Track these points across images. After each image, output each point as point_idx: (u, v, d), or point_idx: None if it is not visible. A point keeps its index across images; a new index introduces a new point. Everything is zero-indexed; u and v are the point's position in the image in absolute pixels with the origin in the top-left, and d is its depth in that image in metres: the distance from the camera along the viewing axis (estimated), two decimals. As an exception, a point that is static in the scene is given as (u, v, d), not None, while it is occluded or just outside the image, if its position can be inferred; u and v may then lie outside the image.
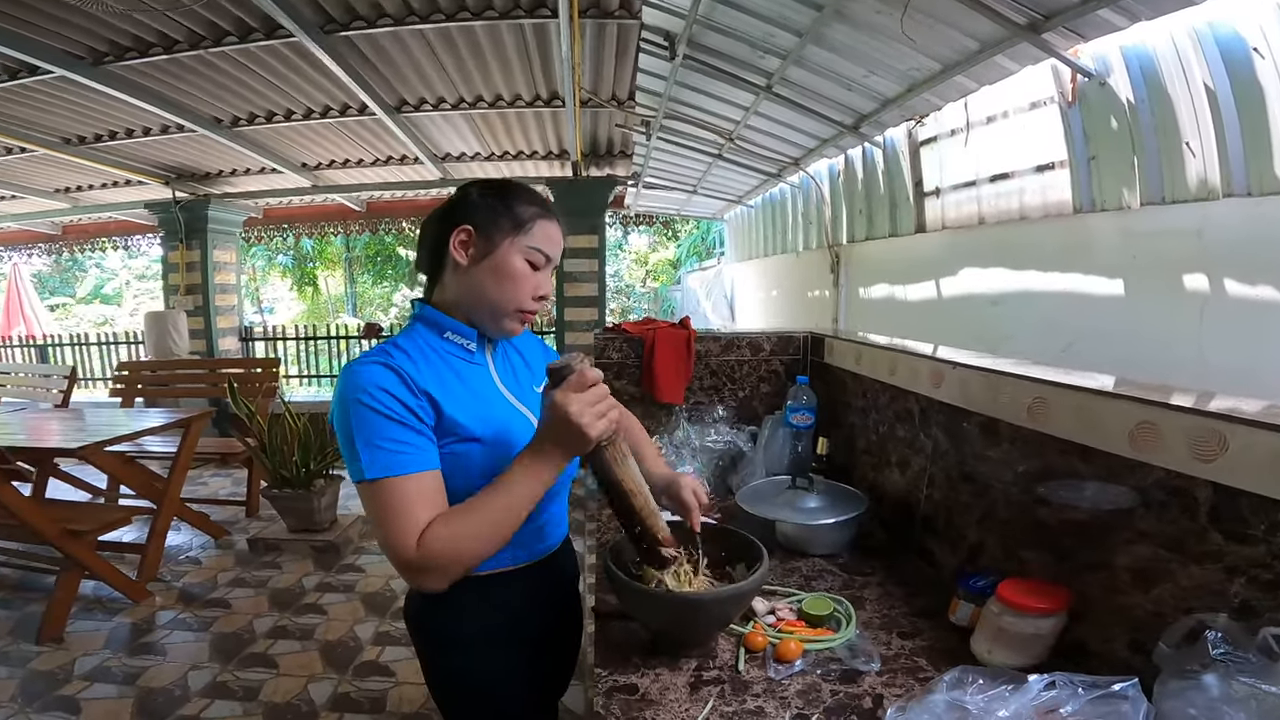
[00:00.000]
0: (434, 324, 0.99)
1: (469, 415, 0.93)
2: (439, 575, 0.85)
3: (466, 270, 0.96)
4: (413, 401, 0.87)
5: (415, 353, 0.94)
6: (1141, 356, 2.17)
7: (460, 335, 0.99)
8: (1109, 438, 0.90)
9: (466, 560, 0.86)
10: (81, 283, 16.16)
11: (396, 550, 0.83)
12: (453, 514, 0.86)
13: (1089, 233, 2.50)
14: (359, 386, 0.86)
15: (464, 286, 0.98)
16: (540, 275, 1.00)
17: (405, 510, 0.83)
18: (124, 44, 3.01)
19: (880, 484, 1.60)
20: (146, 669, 2.46)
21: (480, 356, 1.02)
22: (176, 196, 5.57)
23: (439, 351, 0.97)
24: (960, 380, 1.25)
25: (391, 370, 0.88)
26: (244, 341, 6.53)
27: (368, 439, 0.84)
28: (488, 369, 1.03)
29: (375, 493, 0.84)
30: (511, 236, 0.96)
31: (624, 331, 2.10)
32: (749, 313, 7.63)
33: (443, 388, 0.92)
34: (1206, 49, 2.14)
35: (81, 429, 3.25)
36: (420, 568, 0.83)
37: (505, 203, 0.97)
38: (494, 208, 0.97)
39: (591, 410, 0.83)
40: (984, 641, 0.98)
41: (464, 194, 1.00)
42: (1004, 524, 1.14)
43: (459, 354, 0.99)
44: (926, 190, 3.66)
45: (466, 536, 0.84)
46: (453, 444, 0.92)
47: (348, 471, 0.88)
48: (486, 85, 3.75)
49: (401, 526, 0.83)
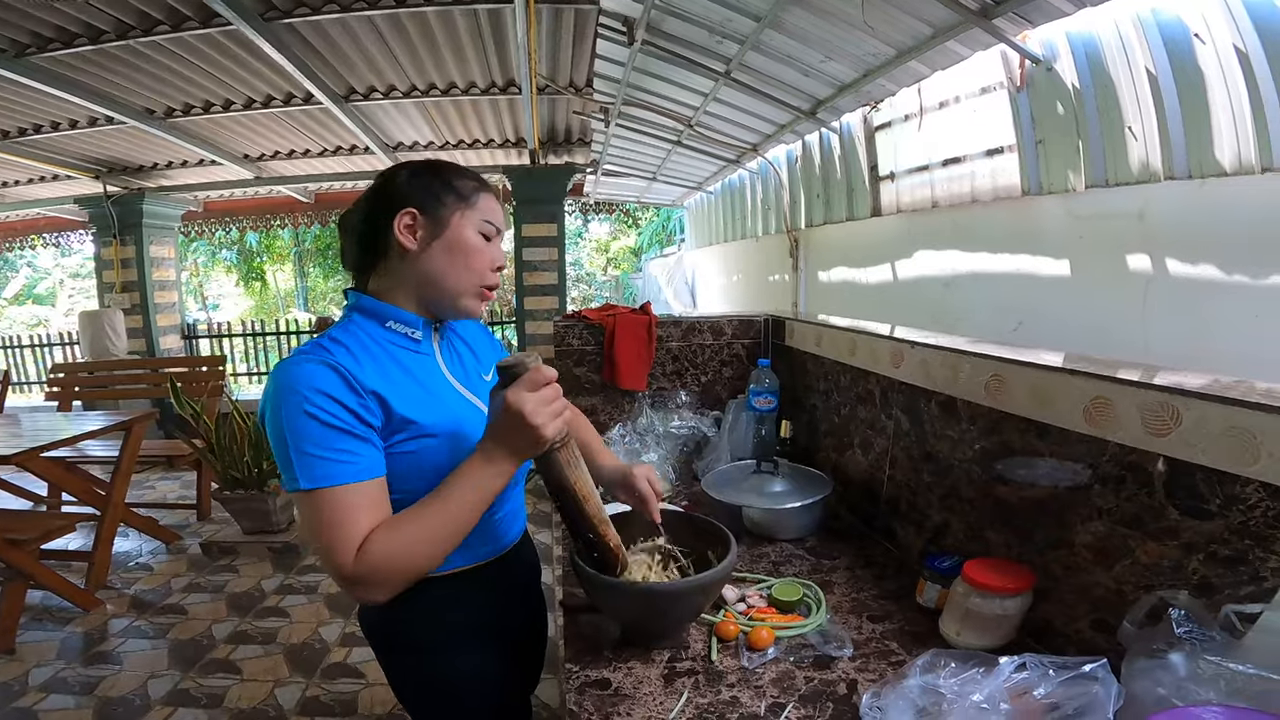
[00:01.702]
0: (374, 314, 0.93)
1: (419, 410, 0.88)
2: (379, 588, 0.80)
3: (418, 255, 0.92)
4: (355, 402, 0.82)
5: (356, 347, 0.88)
6: (1088, 336, 2.24)
7: (404, 324, 0.94)
8: (1065, 414, 0.92)
9: (409, 572, 0.82)
10: (12, 283, 15.28)
11: (335, 564, 0.78)
12: (394, 523, 0.81)
13: (1037, 215, 2.56)
14: (293, 389, 0.79)
15: (416, 271, 0.93)
16: (494, 247, 0.97)
17: (344, 522, 0.78)
18: (47, 35, 2.84)
19: (844, 466, 1.62)
20: (104, 678, 2.39)
21: (426, 345, 0.97)
22: (108, 191, 5.29)
23: (381, 343, 0.92)
24: (920, 360, 1.26)
25: (330, 368, 0.81)
26: (187, 340, 6.28)
27: (303, 446, 0.78)
28: (434, 359, 0.98)
29: (313, 503, 0.79)
30: (460, 211, 0.93)
31: (584, 318, 2.07)
32: (710, 299, 7.65)
33: (389, 383, 0.86)
34: (1149, 35, 2.19)
35: (16, 434, 3.10)
36: (358, 580, 0.79)
37: (443, 179, 0.94)
38: (432, 186, 0.93)
39: (546, 410, 0.79)
40: (952, 623, 0.99)
41: (392, 178, 0.95)
42: (966, 503, 1.16)
43: (403, 344, 0.94)
44: (882, 175, 3.70)
45: (408, 548, 0.80)
46: (404, 441, 0.87)
47: (281, 479, 0.82)
48: (439, 73, 3.64)
49: (340, 539, 0.78)
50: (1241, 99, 1.95)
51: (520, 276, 5.26)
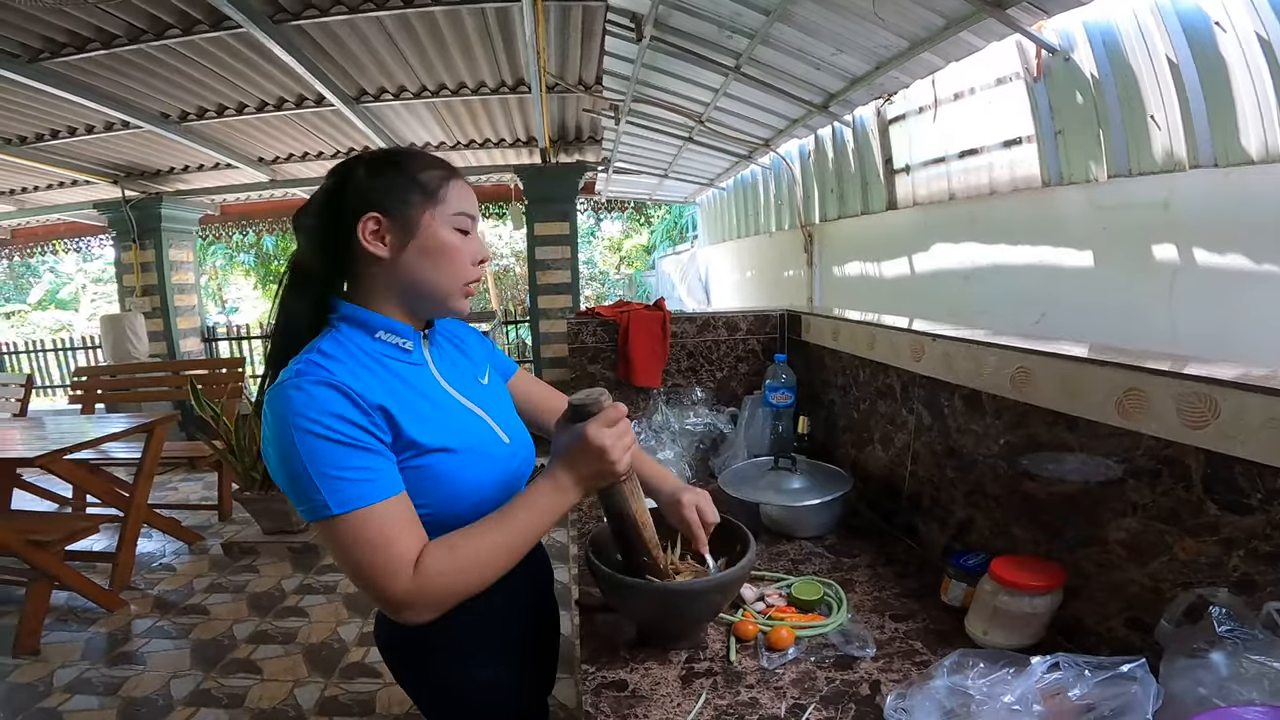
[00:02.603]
0: (362, 324, 0.87)
1: (427, 426, 0.84)
2: (431, 608, 0.78)
3: (392, 262, 0.86)
4: (364, 421, 0.77)
5: (351, 361, 0.82)
6: (1114, 326, 2.19)
7: (395, 334, 0.88)
8: (1095, 406, 0.89)
9: (463, 592, 0.79)
10: (35, 288, 15.56)
11: (384, 585, 0.75)
12: (450, 543, 0.79)
13: (1058, 206, 2.51)
14: (299, 413, 0.74)
15: (393, 279, 0.87)
16: (472, 240, 0.91)
17: (391, 540, 0.75)
18: (60, 40, 2.86)
19: (863, 462, 1.59)
20: (127, 679, 2.42)
21: (418, 355, 0.92)
22: (126, 195, 5.35)
23: (374, 355, 0.86)
24: (942, 353, 1.23)
25: (332, 388, 0.76)
26: (207, 342, 6.35)
27: (324, 471, 0.74)
28: (428, 368, 0.93)
29: (345, 528, 0.74)
30: (429, 209, 0.86)
31: (598, 315, 2.06)
32: (724, 295, 7.62)
33: (394, 398, 0.82)
34: (1168, 23, 2.16)
35: (41, 437, 3.13)
36: (410, 602, 0.76)
37: (405, 175, 0.86)
38: (395, 184, 0.85)
39: (621, 444, 0.82)
40: (979, 622, 0.96)
41: (346, 177, 0.86)
42: (992, 499, 1.13)
43: (396, 355, 0.89)
44: (896, 167, 3.66)
45: (466, 568, 0.78)
46: (413, 458, 0.83)
47: (298, 510, 0.77)
48: (449, 72, 3.64)
49: (390, 558, 0.75)
50: (1266, 86, 1.91)
51: (533, 275, 5.26)
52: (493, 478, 0.91)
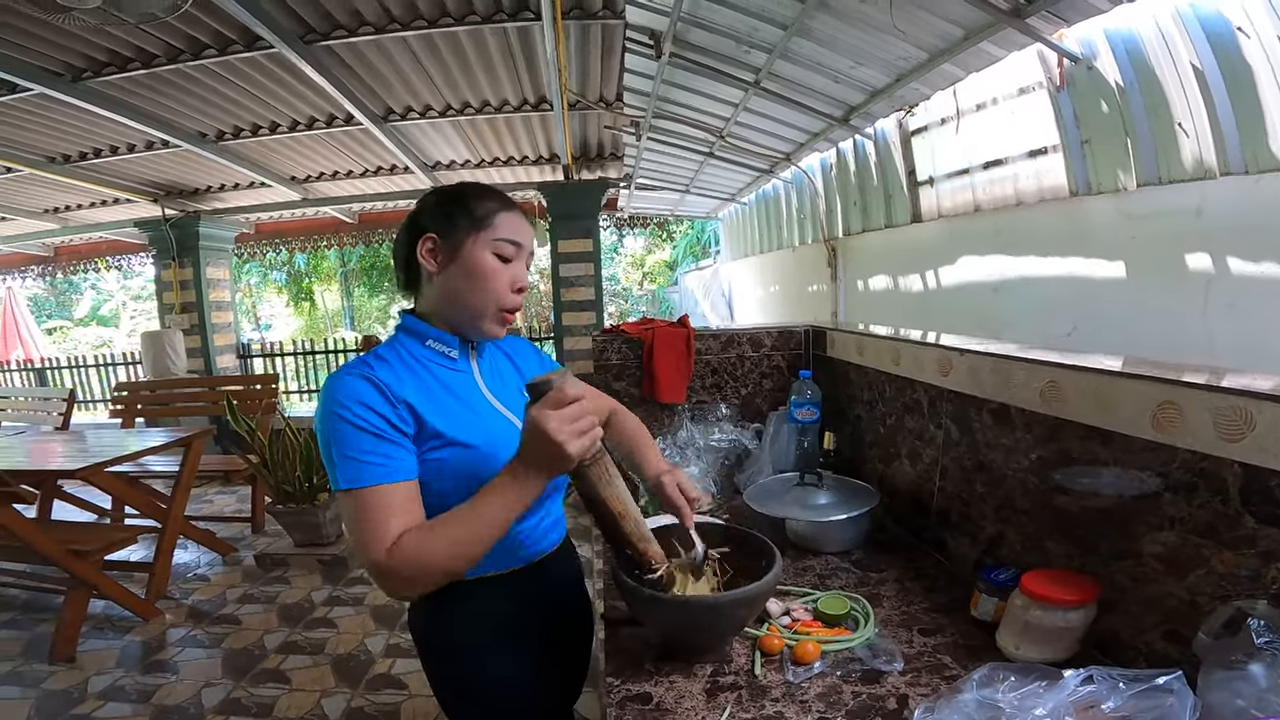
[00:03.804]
0: (415, 333, 1.00)
1: (451, 421, 0.93)
2: (405, 583, 0.85)
3: (438, 277, 0.97)
4: (389, 412, 0.88)
5: (396, 362, 0.95)
6: (1148, 337, 2.15)
7: (441, 343, 1.00)
8: (1129, 420, 0.88)
9: (435, 572, 0.85)
10: (78, 305, 16.09)
11: (366, 554, 0.84)
12: (428, 526, 0.87)
13: (1087, 216, 2.48)
14: (336, 400, 0.88)
15: (440, 293, 0.98)
16: (514, 267, 0.99)
17: (376, 518, 0.84)
18: (101, 59, 2.97)
19: (890, 477, 1.57)
20: (160, 687, 2.46)
21: (464, 363, 1.03)
22: (166, 214, 5.52)
23: (421, 360, 0.98)
24: (969, 367, 1.23)
25: (368, 381, 0.89)
26: (242, 359, 6.49)
27: (342, 450, 0.86)
28: (472, 375, 1.03)
29: (349, 501, 0.86)
30: (473, 234, 0.96)
31: (622, 333, 2.07)
32: (747, 311, 7.60)
33: (424, 395, 0.93)
34: (1191, 30, 2.14)
35: (83, 450, 3.24)
36: (386, 573, 0.84)
37: (461, 203, 0.98)
38: (450, 211, 0.97)
39: (570, 428, 0.79)
40: (1011, 636, 0.95)
41: (423, 203, 1.01)
42: (1023, 514, 1.11)
43: (441, 361, 1.00)
44: (920, 180, 3.64)
45: (436, 550, 0.84)
46: (437, 449, 0.92)
47: (329, 481, 0.90)
48: (473, 91, 3.72)
49: (372, 533, 0.84)
50: (1292, 91, 1.87)
51: (557, 292, 5.30)
52: None
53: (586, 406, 0.82)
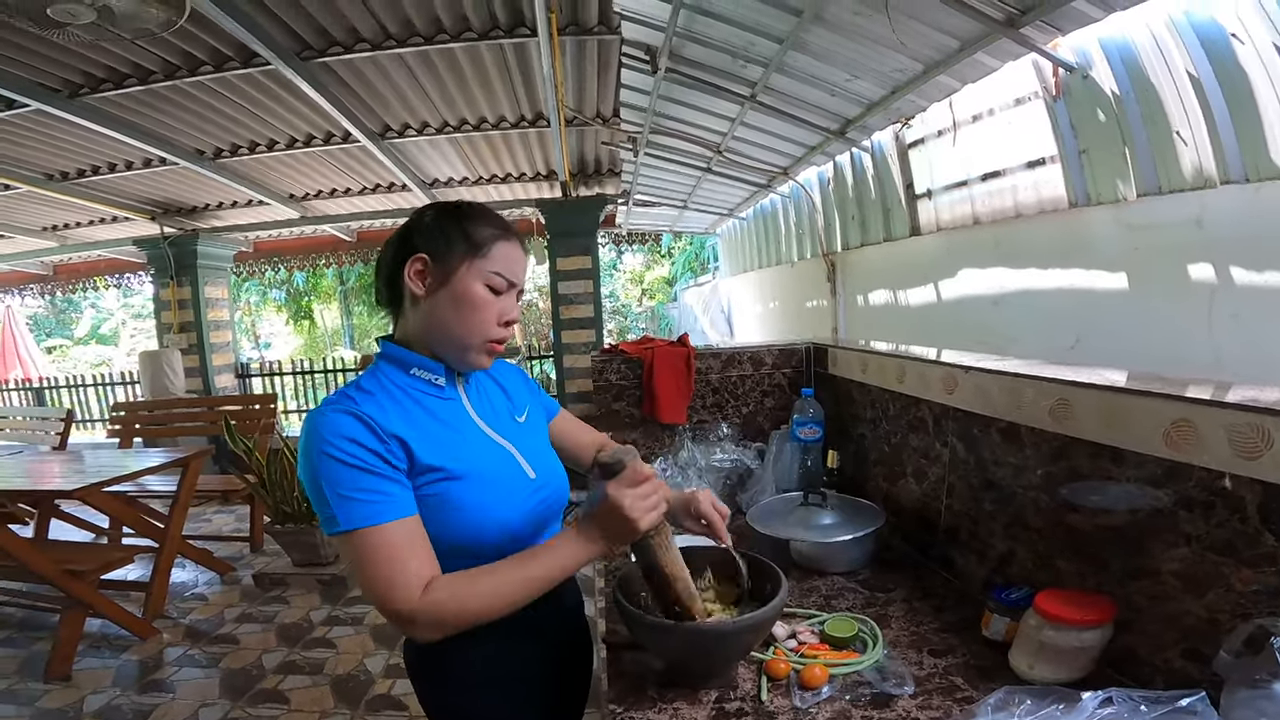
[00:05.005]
0: (398, 361, 0.95)
1: (443, 454, 0.89)
2: (435, 629, 0.83)
3: (425, 301, 0.92)
4: (380, 447, 0.84)
5: (380, 394, 0.90)
6: (1153, 350, 2.13)
7: (427, 371, 0.95)
8: (1142, 438, 0.86)
9: (469, 619, 0.83)
10: (78, 324, 16.09)
11: (391, 599, 0.81)
12: (471, 574, 0.85)
13: (1087, 227, 2.47)
14: (322, 438, 0.82)
15: (424, 319, 0.93)
16: (504, 300, 0.95)
17: (392, 560, 0.81)
18: (99, 75, 2.98)
19: (896, 496, 1.55)
20: (156, 706, 2.43)
21: (451, 391, 0.97)
22: (164, 232, 5.53)
23: (405, 389, 0.93)
24: (975, 385, 1.21)
25: (353, 416, 0.84)
26: (240, 378, 6.48)
27: (339, 490, 0.81)
28: (460, 403, 0.98)
29: (359, 543, 0.81)
30: (468, 261, 0.91)
31: (622, 352, 2.05)
32: (747, 327, 7.59)
33: (413, 428, 0.88)
34: (1185, 37, 2.14)
35: (80, 470, 3.23)
36: (416, 619, 0.81)
37: (460, 226, 0.93)
38: (448, 232, 0.92)
39: (643, 504, 0.85)
40: (1024, 657, 0.93)
41: (418, 219, 0.95)
42: (1034, 532, 1.09)
43: (428, 390, 0.95)
44: (918, 193, 3.64)
45: (477, 598, 0.83)
46: (431, 484, 0.88)
47: (321, 523, 0.85)
48: (470, 107, 3.73)
49: (395, 574, 0.81)
50: (1289, 98, 1.87)
51: (556, 310, 5.29)
52: (518, 510, 0.94)
53: (658, 484, 0.88)
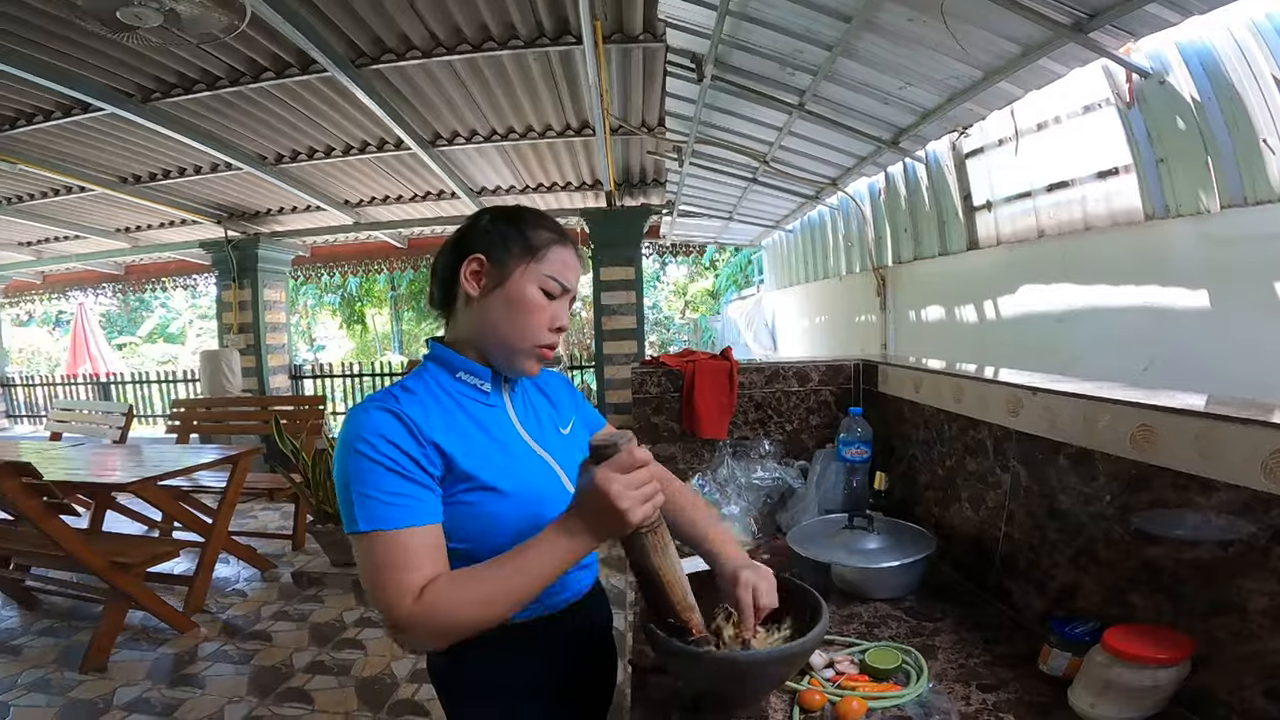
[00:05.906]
0: (445, 363, 0.94)
1: (483, 463, 0.87)
2: (429, 637, 0.80)
3: (478, 302, 0.91)
4: (416, 451, 0.82)
5: (425, 395, 0.88)
6: (1235, 373, 1.97)
7: (473, 375, 0.94)
8: (1237, 469, 0.77)
9: (461, 627, 0.78)
10: (147, 322, 16.95)
11: (388, 605, 0.77)
12: (459, 577, 0.80)
13: (1164, 240, 2.31)
14: (359, 435, 0.81)
15: (476, 320, 0.92)
16: (557, 305, 0.93)
17: (397, 566, 0.77)
18: (169, 80, 3.12)
19: (949, 521, 1.45)
20: (184, 701, 2.45)
21: (496, 398, 0.96)
22: (229, 235, 5.77)
23: (451, 393, 0.92)
24: (1043, 408, 1.11)
25: (394, 416, 0.82)
26: (293, 379, 6.68)
27: (362, 489, 0.79)
28: (505, 411, 0.96)
29: (370, 544, 0.78)
30: (524, 264, 0.91)
31: (663, 365, 2.00)
32: (792, 342, 7.45)
33: (454, 434, 0.86)
34: (1269, 41, 2.01)
35: (137, 464, 3.33)
36: (408, 626, 0.76)
37: (518, 228, 0.92)
38: (506, 234, 0.92)
39: (635, 493, 0.75)
40: (1087, 694, 0.84)
41: (475, 221, 0.96)
42: (1104, 564, 0.99)
43: (473, 395, 0.93)
44: (976, 204, 3.50)
45: (467, 604, 0.77)
46: (466, 493, 0.85)
47: (343, 521, 0.82)
48: (517, 116, 3.77)
49: (395, 582, 0.77)
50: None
51: (599, 320, 5.29)
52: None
53: (654, 472, 0.78)
